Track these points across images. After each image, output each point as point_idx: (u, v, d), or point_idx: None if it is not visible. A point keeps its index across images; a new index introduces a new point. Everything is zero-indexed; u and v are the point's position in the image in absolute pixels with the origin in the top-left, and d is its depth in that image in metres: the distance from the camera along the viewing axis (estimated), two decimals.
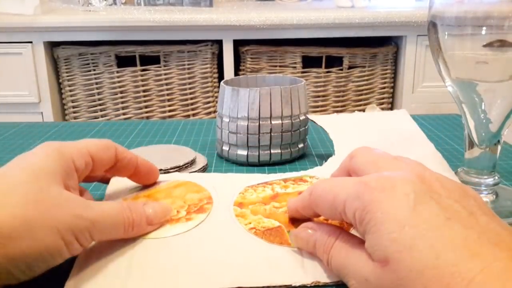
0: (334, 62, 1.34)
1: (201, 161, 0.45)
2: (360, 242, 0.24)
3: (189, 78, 1.33)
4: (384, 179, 0.23)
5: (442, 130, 0.57)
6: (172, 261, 0.27)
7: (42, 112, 1.31)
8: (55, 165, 0.27)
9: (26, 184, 0.24)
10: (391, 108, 1.43)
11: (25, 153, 0.28)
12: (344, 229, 0.27)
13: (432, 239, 0.20)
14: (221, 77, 1.36)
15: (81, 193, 0.34)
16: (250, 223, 0.31)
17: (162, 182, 0.37)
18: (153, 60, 1.30)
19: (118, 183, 0.36)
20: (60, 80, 1.33)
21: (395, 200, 0.22)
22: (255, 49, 1.31)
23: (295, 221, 0.31)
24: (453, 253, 0.19)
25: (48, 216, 0.24)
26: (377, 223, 0.22)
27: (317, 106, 1.37)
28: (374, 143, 0.39)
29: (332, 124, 0.46)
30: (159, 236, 0.30)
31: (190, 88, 1.34)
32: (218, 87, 1.28)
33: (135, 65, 1.30)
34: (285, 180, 0.37)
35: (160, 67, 1.31)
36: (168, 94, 1.34)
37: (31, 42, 1.26)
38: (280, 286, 0.26)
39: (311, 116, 0.47)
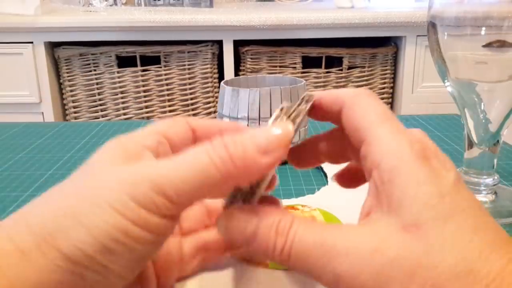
0: (334, 62, 1.35)
1: None
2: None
3: (190, 78, 1.34)
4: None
5: (442, 130, 0.57)
6: None
7: (42, 113, 1.32)
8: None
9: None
10: (391, 108, 1.43)
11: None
12: None
13: (470, 218, 0.18)
14: (221, 77, 1.36)
15: None
16: None
17: None
18: (154, 60, 1.31)
19: None
20: (61, 81, 1.33)
21: (433, 170, 0.20)
22: (255, 49, 1.31)
23: None
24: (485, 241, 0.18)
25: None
26: (410, 184, 0.19)
27: None
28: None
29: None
30: None
31: (190, 89, 1.35)
32: (218, 87, 1.28)
33: (136, 66, 1.30)
34: None
35: (160, 67, 1.31)
36: (168, 95, 1.34)
37: (31, 42, 1.26)
38: None
39: None
